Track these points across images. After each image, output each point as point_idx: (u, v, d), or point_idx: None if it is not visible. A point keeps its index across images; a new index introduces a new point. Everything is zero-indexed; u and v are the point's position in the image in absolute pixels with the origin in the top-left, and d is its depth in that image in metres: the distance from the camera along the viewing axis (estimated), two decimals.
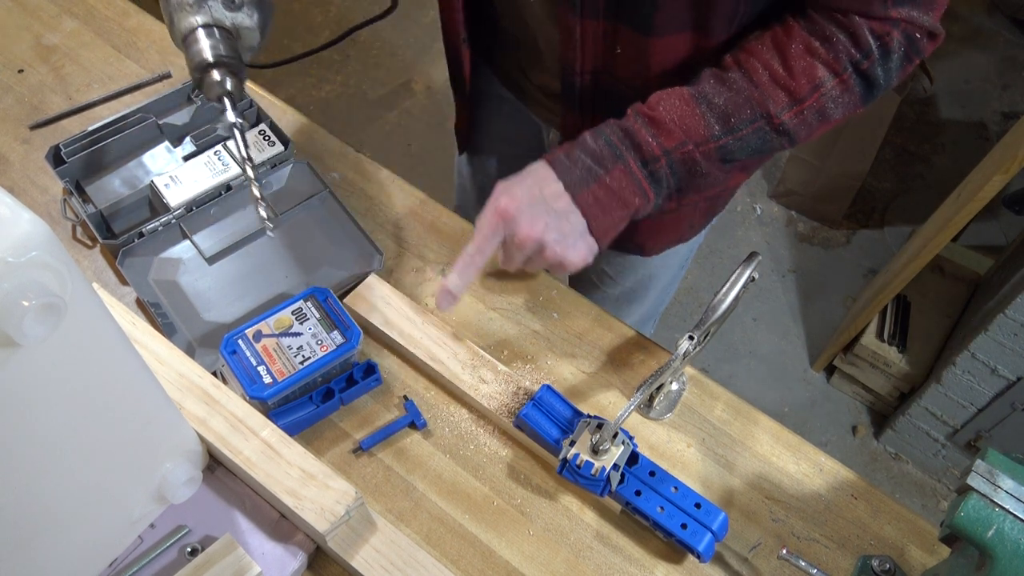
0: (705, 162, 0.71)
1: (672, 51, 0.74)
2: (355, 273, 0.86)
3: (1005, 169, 1.32)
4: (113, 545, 0.66)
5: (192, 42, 0.67)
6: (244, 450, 0.68)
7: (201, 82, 0.68)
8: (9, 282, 0.40)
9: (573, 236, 0.72)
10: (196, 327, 0.82)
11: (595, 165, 0.71)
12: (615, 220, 0.73)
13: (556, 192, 0.71)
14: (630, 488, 0.71)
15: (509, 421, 0.75)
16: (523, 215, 0.69)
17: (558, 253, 0.71)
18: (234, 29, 0.68)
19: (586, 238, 0.73)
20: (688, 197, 0.77)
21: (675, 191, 0.74)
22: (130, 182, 0.91)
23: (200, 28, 0.66)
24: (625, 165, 0.71)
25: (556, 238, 0.70)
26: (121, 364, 0.55)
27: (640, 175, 0.71)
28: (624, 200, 0.72)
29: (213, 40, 0.66)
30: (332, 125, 1.20)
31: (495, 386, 0.77)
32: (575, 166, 0.71)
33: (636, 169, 0.71)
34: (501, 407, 0.76)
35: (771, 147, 0.73)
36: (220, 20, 0.67)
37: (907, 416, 1.80)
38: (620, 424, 0.75)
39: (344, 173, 0.95)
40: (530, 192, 0.70)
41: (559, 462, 0.71)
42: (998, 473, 0.58)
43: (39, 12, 1.08)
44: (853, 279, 2.17)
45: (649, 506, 0.70)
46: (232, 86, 0.68)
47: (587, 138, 0.72)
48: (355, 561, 0.66)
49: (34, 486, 0.52)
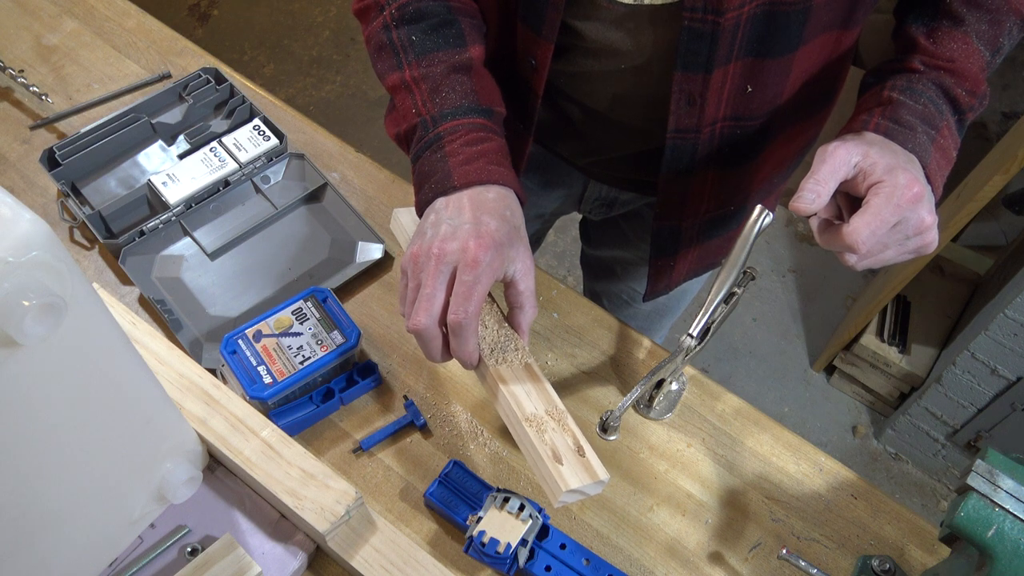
0: (986, 97, 0.68)
1: (810, 60, 0.71)
2: (358, 263, 0.86)
3: (1005, 169, 1.32)
4: (113, 545, 0.66)
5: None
6: (244, 450, 0.68)
7: None
8: (9, 282, 0.40)
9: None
10: (202, 323, 0.82)
11: (928, 128, 0.64)
12: (942, 183, 0.66)
13: (918, 166, 0.63)
14: (540, 564, 0.68)
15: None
16: (925, 201, 0.60)
17: (932, 241, 0.62)
18: None
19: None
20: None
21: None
22: (126, 182, 0.91)
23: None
24: (947, 122, 0.66)
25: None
26: (121, 364, 0.55)
27: (956, 129, 0.67)
28: (950, 159, 0.66)
29: None
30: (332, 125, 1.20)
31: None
32: (915, 133, 0.63)
33: (954, 124, 0.66)
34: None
35: (1001, 60, 0.70)
36: None
37: (907, 416, 1.81)
38: (622, 413, 0.75)
39: (344, 173, 0.95)
40: (917, 174, 0.61)
41: (465, 540, 0.68)
42: (998, 473, 0.58)
43: (39, 12, 1.08)
44: (853, 279, 2.17)
45: None
46: None
47: (905, 100, 0.65)
48: (355, 561, 0.66)
49: (34, 486, 0.52)
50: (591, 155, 0.91)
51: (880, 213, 0.58)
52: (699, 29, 0.64)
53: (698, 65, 0.67)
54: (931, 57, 0.67)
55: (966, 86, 0.66)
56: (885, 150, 0.61)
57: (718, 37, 0.64)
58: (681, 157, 0.77)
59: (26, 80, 0.98)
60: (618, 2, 0.67)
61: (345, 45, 2.62)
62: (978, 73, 0.67)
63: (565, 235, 2.15)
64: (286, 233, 0.89)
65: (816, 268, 2.19)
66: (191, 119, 0.96)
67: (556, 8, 0.69)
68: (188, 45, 1.06)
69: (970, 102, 0.67)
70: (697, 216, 0.84)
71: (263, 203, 0.90)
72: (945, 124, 0.66)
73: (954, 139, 0.67)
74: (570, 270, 2.15)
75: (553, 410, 0.63)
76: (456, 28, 0.70)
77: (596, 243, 1.17)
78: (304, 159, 0.93)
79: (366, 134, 2.39)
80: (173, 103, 0.97)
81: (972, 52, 0.66)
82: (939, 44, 0.67)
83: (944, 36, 0.67)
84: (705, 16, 0.63)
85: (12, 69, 0.99)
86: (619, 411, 0.75)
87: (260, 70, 2.56)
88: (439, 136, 0.66)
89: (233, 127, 0.94)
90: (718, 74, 0.68)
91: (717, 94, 0.70)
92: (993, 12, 0.67)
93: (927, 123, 0.64)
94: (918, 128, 0.64)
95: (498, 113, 0.70)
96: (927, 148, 0.64)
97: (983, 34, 0.67)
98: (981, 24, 0.67)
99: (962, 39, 0.67)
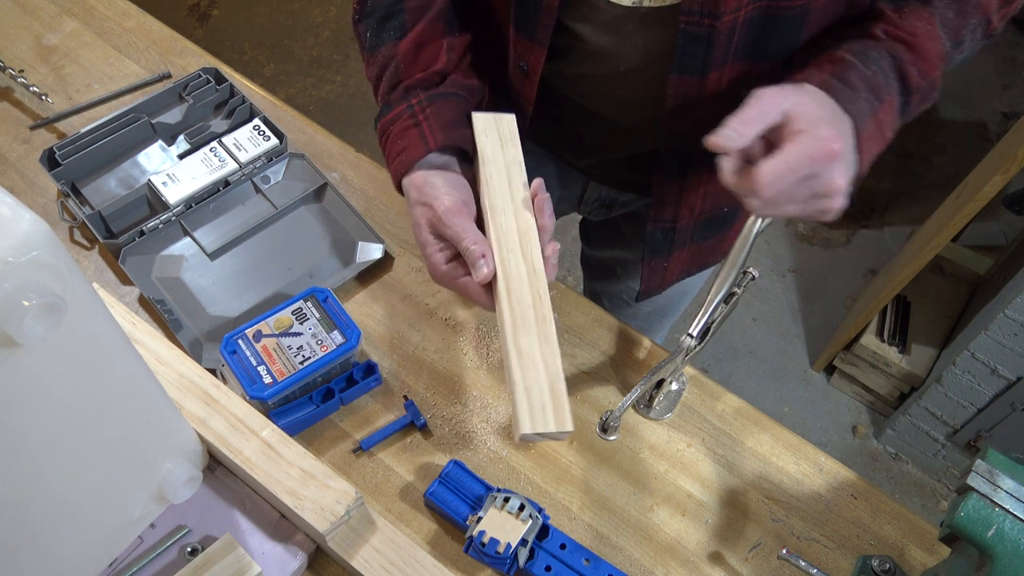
0: (936, 89, 0.65)
1: (807, 63, 0.69)
2: (358, 263, 0.86)
3: (1005, 169, 1.32)
4: (113, 545, 0.66)
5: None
6: (244, 450, 0.68)
7: None
8: (10, 282, 0.40)
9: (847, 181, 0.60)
10: (202, 322, 0.82)
11: (872, 96, 0.62)
12: (869, 160, 0.63)
13: (849, 128, 0.60)
14: (540, 564, 0.68)
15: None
16: (843, 161, 0.58)
17: (836, 208, 0.60)
18: None
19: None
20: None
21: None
22: (126, 182, 0.91)
23: None
24: (892, 98, 0.63)
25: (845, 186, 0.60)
26: (121, 364, 0.55)
27: (898, 109, 0.64)
28: (884, 137, 0.63)
29: None
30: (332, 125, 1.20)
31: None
32: (857, 96, 0.61)
33: (898, 103, 0.64)
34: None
35: (962, 61, 0.67)
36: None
37: (907, 416, 1.81)
38: (622, 413, 0.75)
39: (344, 173, 0.95)
40: (843, 132, 0.59)
41: (465, 540, 0.68)
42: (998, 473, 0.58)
43: (39, 12, 1.08)
44: (853, 279, 2.17)
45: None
46: None
47: (856, 62, 0.63)
48: (355, 561, 0.66)
49: (34, 486, 0.52)
50: (590, 156, 0.91)
51: (789, 159, 0.56)
52: (695, 33, 0.64)
53: (694, 68, 0.67)
54: (893, 27, 0.65)
55: (921, 66, 0.64)
56: (820, 104, 0.59)
57: (714, 40, 0.64)
58: (676, 159, 0.77)
59: (26, 80, 0.98)
60: (615, 4, 0.67)
61: (345, 45, 2.62)
62: (935, 58, 0.64)
63: (565, 235, 2.15)
64: (286, 233, 0.89)
65: (816, 268, 2.19)
66: (191, 119, 0.96)
67: (549, 13, 0.69)
68: (188, 45, 1.06)
69: (919, 84, 0.64)
70: (691, 217, 0.84)
71: (263, 203, 0.90)
72: (889, 100, 0.63)
73: (894, 118, 0.64)
74: (570, 270, 2.15)
75: (547, 350, 0.62)
76: (399, 19, 0.72)
77: (596, 243, 1.17)
78: (304, 159, 0.93)
79: (366, 134, 2.39)
80: (173, 103, 0.98)
81: (934, 35, 0.64)
82: (904, 17, 0.65)
83: (910, 12, 0.65)
84: (701, 20, 0.63)
85: (12, 69, 0.99)
86: (619, 411, 0.75)
87: (260, 70, 2.56)
88: (384, 136, 0.73)
89: (233, 127, 0.94)
90: (713, 76, 0.68)
91: (712, 97, 0.69)
92: (961, 2, 0.65)
93: (872, 92, 0.62)
94: (861, 93, 0.61)
95: (419, 79, 0.72)
96: (865, 116, 0.61)
97: (948, 22, 0.65)
98: (948, 11, 0.65)
99: (927, 19, 0.65)
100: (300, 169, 0.93)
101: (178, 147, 0.95)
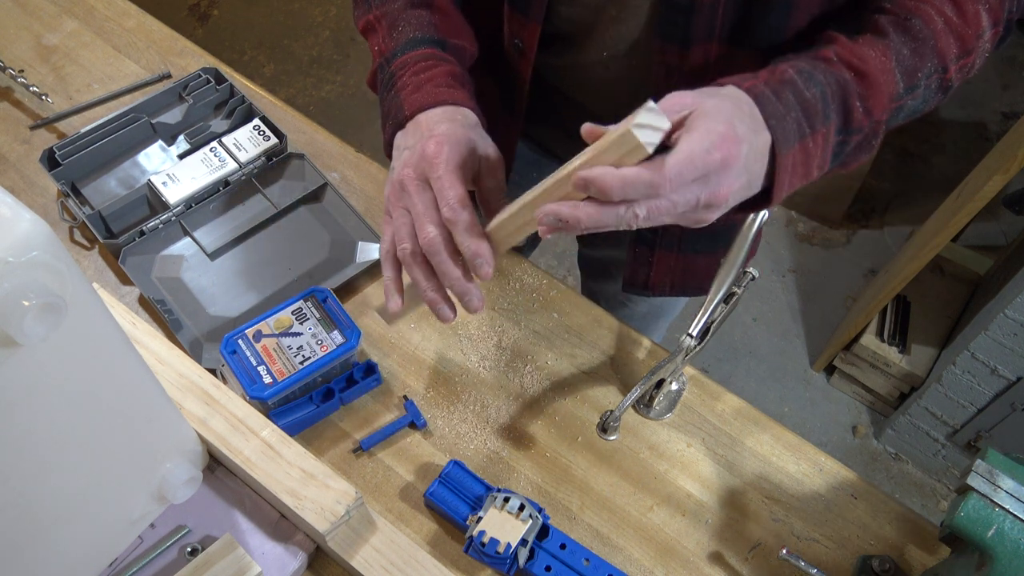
0: (877, 137, 0.60)
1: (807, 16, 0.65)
2: (358, 263, 0.86)
3: (1005, 169, 1.32)
4: (113, 545, 0.66)
5: None
6: (244, 450, 0.68)
7: None
8: (10, 282, 0.40)
9: (742, 199, 0.55)
10: (202, 323, 0.82)
11: (804, 120, 0.56)
12: (787, 191, 0.58)
13: (764, 145, 0.55)
14: (540, 564, 0.68)
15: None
16: (736, 169, 0.52)
17: (709, 220, 0.55)
18: None
19: (755, 204, 0.58)
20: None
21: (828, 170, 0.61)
22: (126, 182, 0.91)
23: None
24: (826, 129, 0.58)
25: (735, 202, 0.55)
26: (121, 364, 0.55)
27: (832, 145, 0.59)
28: (808, 172, 0.58)
29: None
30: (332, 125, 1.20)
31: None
32: (788, 115, 0.56)
33: (832, 137, 0.59)
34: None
35: (916, 113, 0.63)
36: None
37: (907, 416, 1.81)
38: (622, 413, 0.75)
39: (344, 173, 0.95)
40: (750, 140, 0.53)
41: (465, 540, 0.68)
42: (998, 473, 0.58)
43: (39, 12, 1.08)
44: (853, 279, 2.17)
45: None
46: None
47: (796, 79, 0.57)
48: (355, 561, 0.66)
49: (34, 486, 0.52)
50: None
51: (691, 149, 0.50)
52: (677, 1, 0.64)
53: (675, 35, 0.66)
54: (846, 51, 0.60)
55: (867, 102, 0.59)
56: (733, 108, 0.53)
57: (695, 9, 0.64)
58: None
59: (26, 80, 0.98)
60: None
61: (345, 45, 2.62)
62: (884, 96, 0.59)
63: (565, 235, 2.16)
64: (286, 233, 0.89)
65: (816, 268, 2.19)
66: (191, 119, 0.96)
67: None
68: (188, 45, 1.06)
69: (862, 123, 0.59)
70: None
71: (263, 203, 0.91)
72: (823, 132, 0.58)
73: (825, 154, 0.59)
74: (570, 270, 2.15)
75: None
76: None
77: (590, 243, 1.17)
78: (304, 159, 0.93)
79: (366, 134, 2.39)
80: (173, 103, 0.98)
81: (887, 68, 0.60)
82: (858, 44, 0.61)
83: (866, 41, 0.61)
84: None
85: (12, 69, 0.99)
86: (619, 411, 0.75)
87: (260, 70, 2.56)
88: (392, 74, 0.68)
89: (233, 127, 0.94)
90: (697, 51, 0.67)
91: (697, 72, 0.68)
92: (919, 42, 0.61)
93: (806, 116, 0.57)
94: (792, 113, 0.56)
95: (455, 45, 0.70)
96: (792, 139, 0.56)
97: (903, 59, 0.60)
98: (904, 48, 0.61)
99: (883, 50, 0.60)
100: (300, 169, 0.93)
101: (178, 147, 0.95)
